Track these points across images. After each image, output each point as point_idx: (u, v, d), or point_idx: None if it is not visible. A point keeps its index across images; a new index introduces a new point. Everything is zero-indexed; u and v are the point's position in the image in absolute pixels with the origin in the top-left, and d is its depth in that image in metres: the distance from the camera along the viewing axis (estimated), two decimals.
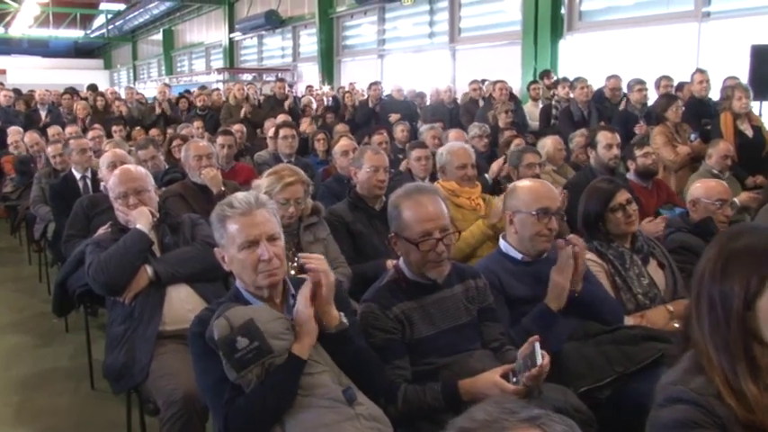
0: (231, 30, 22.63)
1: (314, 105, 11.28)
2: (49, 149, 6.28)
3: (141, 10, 28.86)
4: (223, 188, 4.42)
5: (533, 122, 8.84)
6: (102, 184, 4.76)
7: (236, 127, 7.88)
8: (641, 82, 7.16)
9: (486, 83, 9.63)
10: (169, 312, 2.88)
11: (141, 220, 3.00)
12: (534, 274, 2.66)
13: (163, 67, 29.11)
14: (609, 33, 10.68)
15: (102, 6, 30.65)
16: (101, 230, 3.79)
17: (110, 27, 32.46)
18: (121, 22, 31.73)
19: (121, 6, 30.27)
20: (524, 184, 2.77)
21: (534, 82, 9.50)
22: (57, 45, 34.53)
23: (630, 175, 5.04)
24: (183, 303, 2.91)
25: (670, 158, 5.96)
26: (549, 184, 2.75)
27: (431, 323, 2.31)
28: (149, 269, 2.92)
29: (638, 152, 5.15)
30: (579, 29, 11.14)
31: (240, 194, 2.13)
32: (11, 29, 29.90)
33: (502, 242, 2.80)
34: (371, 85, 11.33)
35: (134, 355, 2.76)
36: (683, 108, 6.38)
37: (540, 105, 9.25)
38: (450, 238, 2.30)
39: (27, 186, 6.56)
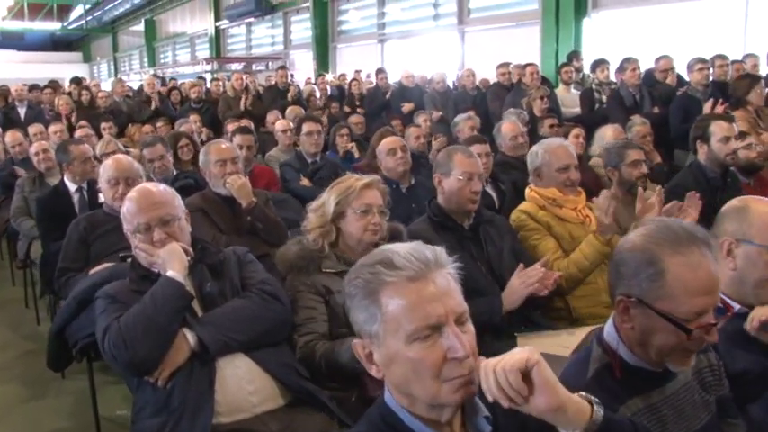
0: (217, 18, 21.54)
1: (317, 95, 10.38)
2: (32, 148, 5.38)
3: None
4: (254, 199, 3.55)
5: (566, 109, 8.01)
6: (100, 196, 3.91)
7: (243, 122, 6.97)
8: (703, 60, 6.35)
9: (512, 66, 8.75)
10: (224, 397, 2.00)
11: (174, 263, 2.12)
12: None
13: (145, 59, 27.90)
14: (639, 10, 9.80)
15: None
16: (103, 266, 2.96)
17: (88, 18, 31.06)
18: (100, 12, 30.29)
19: None
20: (762, 206, 1.90)
21: (566, 64, 8.64)
22: (32, 38, 33.07)
23: None
24: (242, 383, 2.04)
25: None
26: None
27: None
28: (191, 336, 2.04)
29: (738, 143, 4.36)
30: (606, 5, 10.25)
31: (403, 247, 1.24)
32: None
33: None
34: (378, 72, 10.46)
35: None
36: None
37: (573, 90, 8.44)
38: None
39: (9, 196, 5.63)
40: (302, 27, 17.56)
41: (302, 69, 16.45)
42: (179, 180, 4.40)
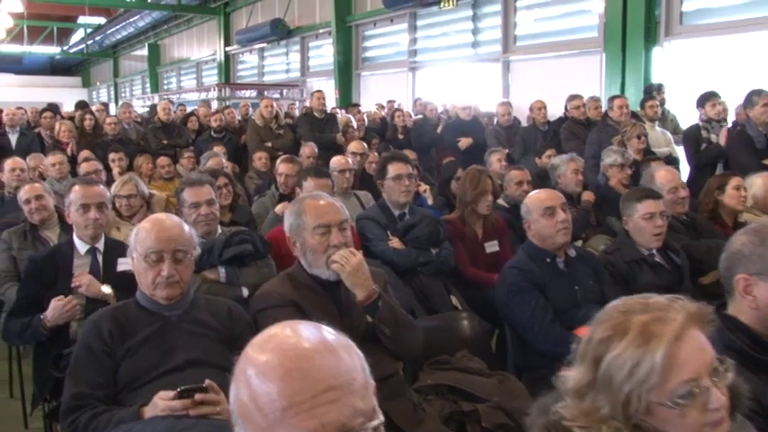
0: (227, 43, 20.36)
1: (354, 125, 9.12)
2: (21, 193, 3.94)
3: (124, 23, 26.35)
4: (375, 287, 2.25)
5: (656, 149, 6.83)
6: (119, 263, 2.70)
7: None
8: None
9: (587, 99, 7.58)
10: None
11: None
12: None
13: (148, 85, 26.67)
14: (721, 39, 8.62)
15: (81, 20, 28.30)
16: (161, 402, 1.70)
17: (89, 42, 30.00)
18: (101, 36, 29.17)
19: (102, 20, 27.92)
20: None
21: (649, 98, 7.44)
22: (31, 61, 32.04)
23: None
24: None
25: None
26: None
27: None
28: None
29: None
30: (680, 33, 9.07)
31: None
32: None
33: None
34: (424, 103, 9.29)
35: None
36: None
37: (657, 127, 7.27)
38: None
39: None
40: (322, 53, 16.39)
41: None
42: (232, 244, 3.09)
